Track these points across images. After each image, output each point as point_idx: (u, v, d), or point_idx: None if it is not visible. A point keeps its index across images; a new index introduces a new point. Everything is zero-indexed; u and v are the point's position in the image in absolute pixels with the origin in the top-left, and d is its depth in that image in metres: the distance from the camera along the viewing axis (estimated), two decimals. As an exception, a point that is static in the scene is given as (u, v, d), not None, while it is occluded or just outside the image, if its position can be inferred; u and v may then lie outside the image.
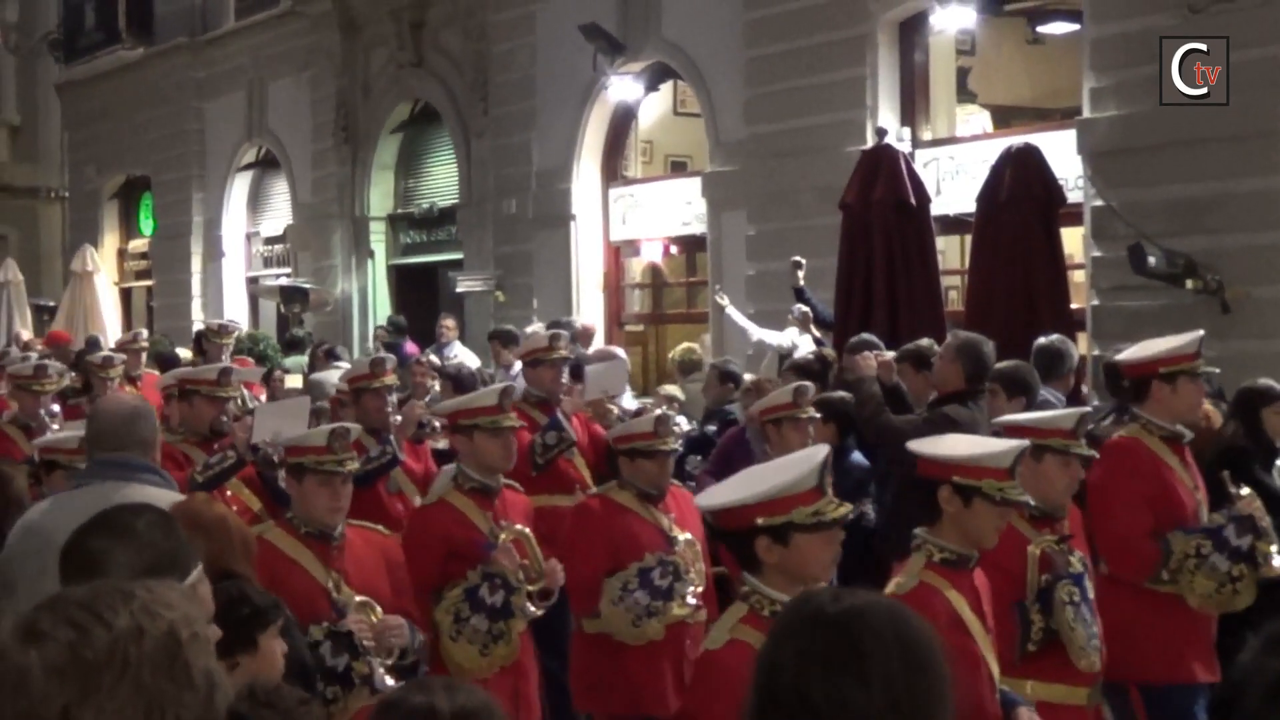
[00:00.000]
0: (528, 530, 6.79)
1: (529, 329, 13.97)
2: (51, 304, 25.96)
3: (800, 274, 13.19)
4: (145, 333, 15.83)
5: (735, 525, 4.38)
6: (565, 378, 9.72)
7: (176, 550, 3.47)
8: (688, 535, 7.11)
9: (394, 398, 9.50)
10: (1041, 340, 9.34)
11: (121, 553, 3.44)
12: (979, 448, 5.26)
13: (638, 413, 9.28)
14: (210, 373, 9.05)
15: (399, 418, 9.19)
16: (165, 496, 5.09)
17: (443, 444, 9.29)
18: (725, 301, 14.26)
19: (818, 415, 8.34)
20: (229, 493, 7.96)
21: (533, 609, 6.57)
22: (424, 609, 6.40)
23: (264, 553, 5.50)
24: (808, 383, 8.62)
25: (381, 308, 21.28)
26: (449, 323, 16.84)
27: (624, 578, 6.91)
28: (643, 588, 6.88)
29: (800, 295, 13.20)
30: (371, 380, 9.19)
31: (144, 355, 14.13)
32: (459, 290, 19.40)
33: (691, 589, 6.98)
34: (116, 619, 2.07)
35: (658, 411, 7.56)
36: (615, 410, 9.54)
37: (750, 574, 4.35)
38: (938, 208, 13.01)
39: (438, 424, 9.29)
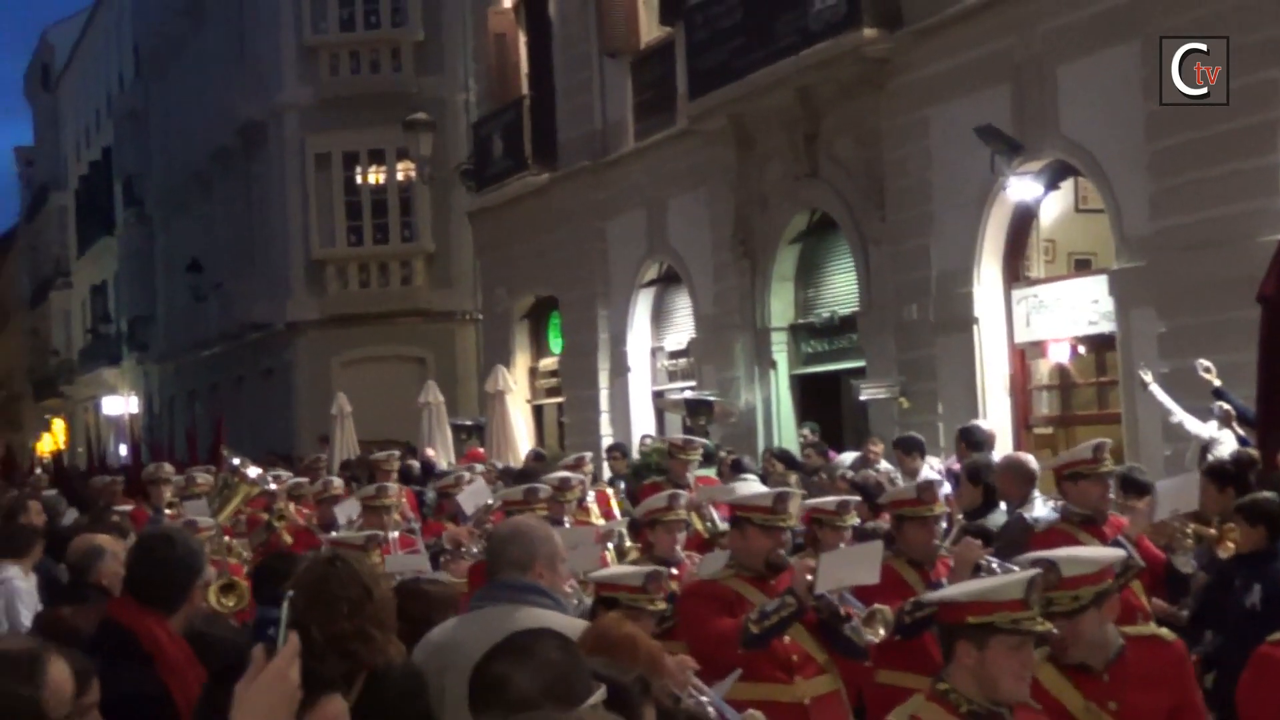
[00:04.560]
0: None
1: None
2: (469, 423, 26.98)
3: (1211, 376, 12.76)
4: (589, 455, 16.15)
5: None
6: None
7: (573, 674, 3.73)
8: None
9: (942, 527, 8.66)
10: None
11: (522, 676, 3.71)
12: None
13: None
14: (765, 499, 7.87)
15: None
16: (551, 618, 5.21)
17: None
18: (1149, 378, 13.78)
19: None
20: (787, 639, 7.36)
21: None
22: None
23: None
24: None
25: (785, 418, 21.38)
26: (876, 447, 16.15)
27: None
28: None
29: (1220, 395, 12.76)
30: (920, 508, 8.25)
31: (590, 477, 14.20)
32: (862, 398, 19.35)
33: None
34: None
35: None
36: (1187, 534, 8.43)
37: None
38: (1365, 296, 12.36)
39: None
